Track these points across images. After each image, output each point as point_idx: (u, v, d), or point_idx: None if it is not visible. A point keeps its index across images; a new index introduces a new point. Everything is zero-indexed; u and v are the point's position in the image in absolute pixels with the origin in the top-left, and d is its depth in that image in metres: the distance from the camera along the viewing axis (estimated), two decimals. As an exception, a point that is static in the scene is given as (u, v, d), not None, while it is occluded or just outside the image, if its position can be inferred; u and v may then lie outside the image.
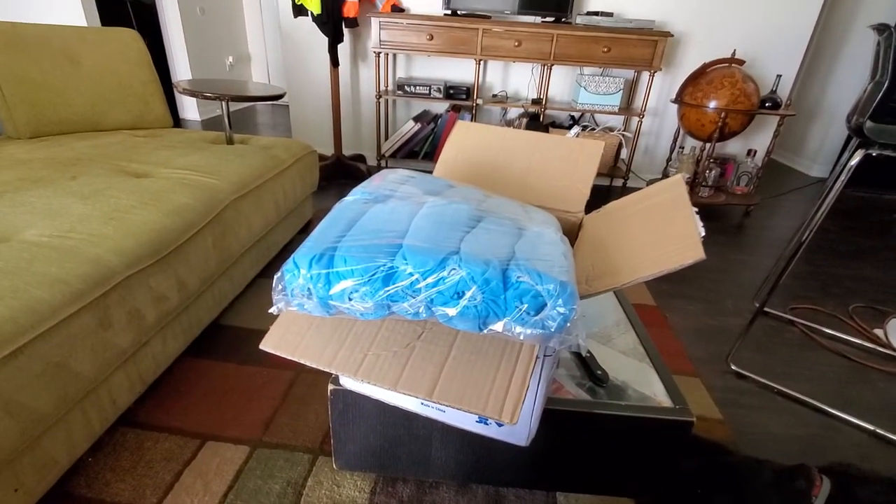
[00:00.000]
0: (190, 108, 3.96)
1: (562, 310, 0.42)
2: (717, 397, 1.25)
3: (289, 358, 0.48)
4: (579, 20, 2.44)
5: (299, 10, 2.46)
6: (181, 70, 3.80)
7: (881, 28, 1.19)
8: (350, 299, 0.44)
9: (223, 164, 1.46)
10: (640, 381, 0.74)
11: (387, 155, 2.84)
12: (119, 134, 1.74)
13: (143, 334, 1.06)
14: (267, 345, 0.50)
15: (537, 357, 0.54)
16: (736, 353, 1.39)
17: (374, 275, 0.43)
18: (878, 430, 1.17)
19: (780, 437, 1.15)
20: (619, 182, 2.87)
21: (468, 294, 0.42)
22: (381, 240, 0.45)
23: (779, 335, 1.57)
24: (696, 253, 0.42)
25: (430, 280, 0.42)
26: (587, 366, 0.75)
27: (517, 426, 0.62)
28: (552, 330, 0.43)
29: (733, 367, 1.37)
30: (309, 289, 0.45)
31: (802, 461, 0.98)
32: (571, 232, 0.76)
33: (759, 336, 1.54)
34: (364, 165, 2.87)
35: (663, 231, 0.51)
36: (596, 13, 2.43)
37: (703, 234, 0.46)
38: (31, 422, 0.79)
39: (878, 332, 1.60)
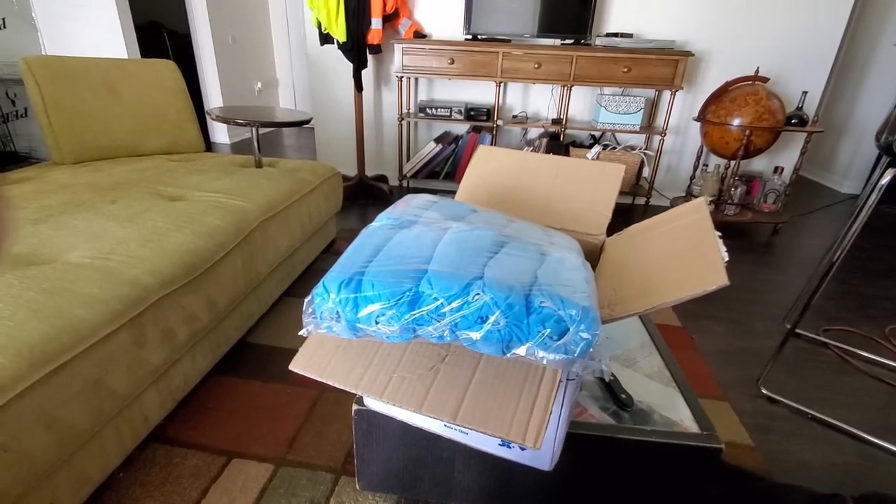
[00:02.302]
0: (220, 133, 4.12)
1: (585, 335, 0.42)
2: (747, 422, 1.21)
3: (317, 379, 0.50)
4: (599, 42, 2.47)
5: (326, 39, 2.56)
6: (213, 95, 3.96)
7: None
8: (377, 322, 0.46)
9: (252, 187, 1.51)
10: (666, 406, 0.73)
11: (408, 175, 2.89)
12: (155, 159, 1.83)
13: (174, 352, 1.10)
14: (296, 366, 0.51)
15: (560, 381, 0.55)
16: (767, 377, 1.35)
17: (400, 299, 0.45)
18: (922, 461, 1.11)
19: (814, 466, 1.11)
20: (641, 201, 2.84)
21: (491, 318, 0.43)
22: (407, 265, 0.47)
23: (812, 358, 1.52)
24: (719, 278, 0.42)
25: (454, 305, 0.43)
26: (611, 389, 0.74)
27: (540, 450, 0.62)
28: (575, 355, 0.43)
29: (764, 392, 1.33)
30: (338, 312, 0.47)
31: (838, 491, 0.94)
32: (593, 254, 0.77)
33: (790, 359, 1.49)
34: (386, 186, 2.92)
35: (686, 255, 0.52)
36: (615, 34, 2.46)
37: (727, 258, 0.46)
38: (68, 438, 0.82)
39: (919, 355, 1.54)
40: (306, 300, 0.49)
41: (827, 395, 1.35)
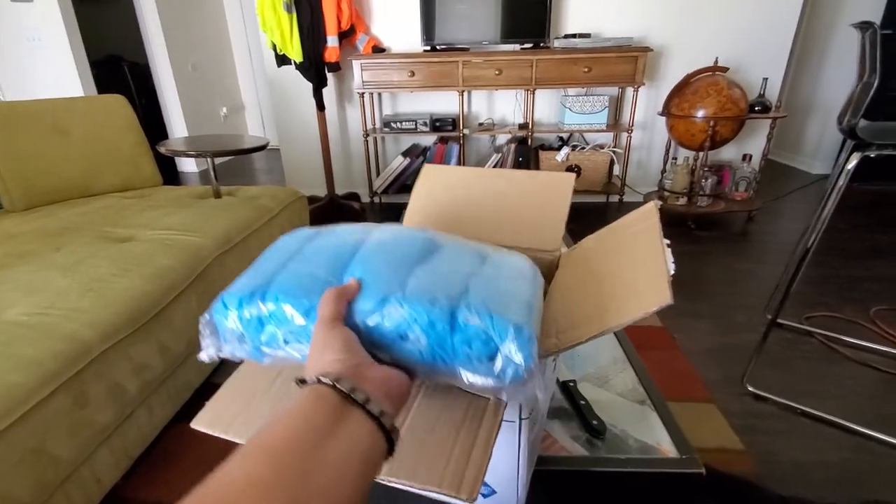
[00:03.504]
0: (188, 162, 4.03)
1: (516, 358, 0.36)
2: (735, 424, 1.17)
3: (223, 437, 0.43)
4: (557, 43, 2.45)
5: (283, 60, 2.50)
6: (176, 125, 3.87)
7: (864, 26, 1.16)
8: (286, 342, 0.39)
9: (208, 220, 1.45)
10: (642, 429, 0.68)
11: (379, 191, 2.83)
12: (109, 198, 1.75)
13: (125, 407, 1.02)
14: (200, 423, 0.45)
15: (512, 420, 0.49)
16: (752, 373, 1.31)
17: (309, 315, 0.38)
18: (917, 449, 1.08)
19: (808, 466, 1.06)
20: (615, 198, 2.83)
21: (411, 337, 0.37)
22: (320, 274, 0.41)
23: (796, 348, 1.49)
24: (661, 297, 0.37)
25: (370, 322, 0.37)
26: (583, 416, 0.69)
27: (503, 495, 0.56)
28: (506, 381, 0.37)
29: (750, 389, 1.29)
30: (241, 333, 0.41)
31: (834, 500, 0.89)
32: (549, 271, 0.72)
33: (775, 351, 1.45)
34: (358, 203, 2.86)
35: (632, 272, 0.47)
36: (573, 35, 2.44)
37: (673, 271, 0.41)
38: (4, 516, 0.75)
39: (904, 335, 1.51)
40: (202, 319, 0.42)
41: (815, 387, 1.31)
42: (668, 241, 0.47)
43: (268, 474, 0.23)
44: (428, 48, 2.54)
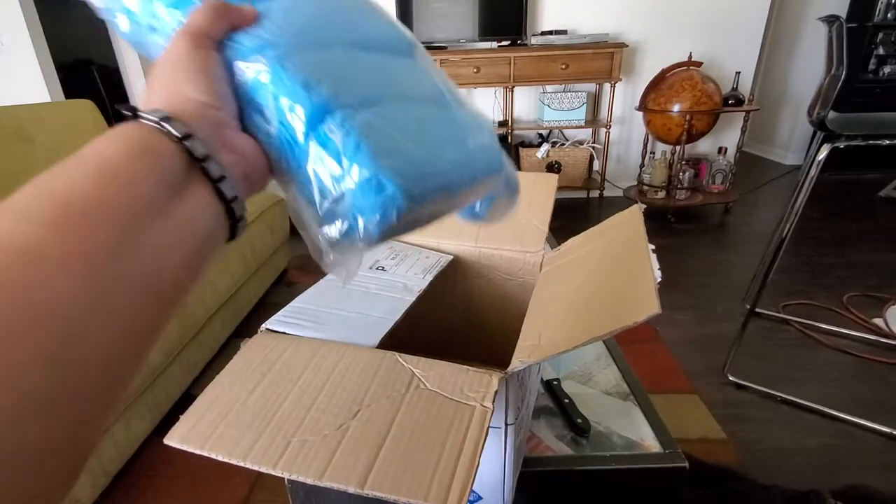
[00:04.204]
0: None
1: (359, 217, 0.26)
2: (717, 414, 1.18)
3: (199, 453, 0.41)
4: (534, 41, 2.46)
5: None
6: (149, 131, 3.78)
7: (831, 20, 1.19)
8: (152, 29, 0.28)
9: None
10: (626, 425, 0.68)
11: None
12: (77, 207, 1.69)
13: (99, 423, 0.99)
14: (173, 439, 0.43)
15: (498, 426, 0.49)
16: (733, 362, 1.33)
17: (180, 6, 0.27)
18: None
19: (790, 452, 1.08)
20: (595, 193, 2.85)
21: (266, 114, 0.26)
22: None
23: (775, 336, 1.52)
24: (648, 307, 0.37)
25: (236, 69, 0.26)
26: (567, 414, 0.69)
27: (489, 501, 0.56)
28: (334, 234, 0.27)
29: (731, 378, 1.31)
30: None
31: (815, 486, 0.91)
32: (533, 272, 0.71)
33: (754, 340, 1.48)
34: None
35: (618, 279, 0.47)
36: (550, 32, 2.45)
37: (660, 278, 0.41)
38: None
39: (878, 321, 1.55)
40: None
41: (794, 374, 1.34)
42: (653, 247, 0.47)
43: (50, 246, 0.15)
44: (405, 47, 2.52)
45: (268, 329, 0.56)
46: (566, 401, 0.71)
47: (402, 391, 0.43)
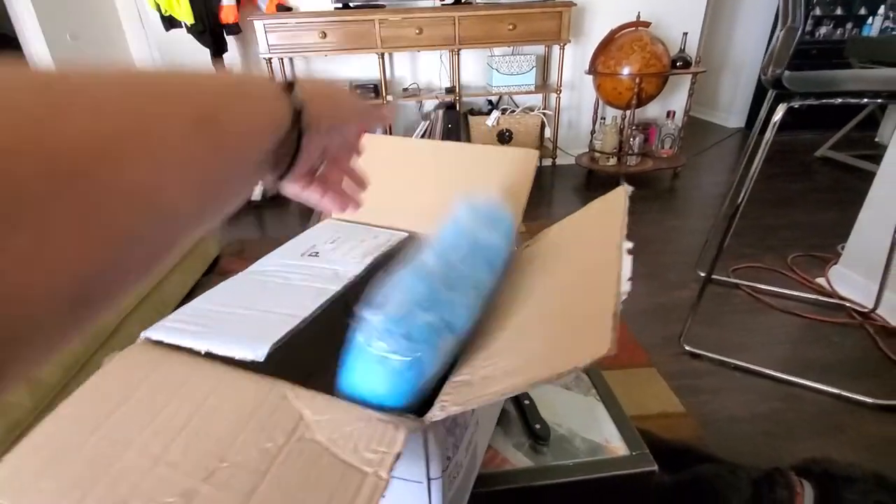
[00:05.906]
0: (75, 146, 3.53)
1: None
2: (675, 386, 1.16)
3: None
4: (480, -1, 2.31)
5: (171, 22, 2.18)
6: (55, 104, 3.35)
7: (780, -30, 1.12)
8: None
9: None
10: (589, 425, 0.61)
11: (301, 168, 2.60)
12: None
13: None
14: None
15: (420, 482, 0.38)
16: (688, 332, 1.31)
17: None
18: (844, 393, 1.12)
19: (742, 419, 1.08)
20: (548, 162, 2.78)
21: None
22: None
23: (727, 302, 1.52)
24: (597, 348, 0.28)
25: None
26: (526, 419, 0.61)
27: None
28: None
29: (687, 348, 1.29)
30: None
31: (774, 455, 0.90)
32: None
33: (707, 307, 1.47)
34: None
35: (573, 300, 0.38)
36: (496, -11, 2.31)
37: (629, 288, 0.32)
38: None
39: (821, 280, 1.59)
40: None
41: (745, 340, 1.34)
42: (629, 245, 0.39)
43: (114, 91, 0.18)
44: (340, 5, 2.31)
45: (147, 339, 0.43)
46: (526, 402, 0.63)
47: (280, 442, 0.32)
